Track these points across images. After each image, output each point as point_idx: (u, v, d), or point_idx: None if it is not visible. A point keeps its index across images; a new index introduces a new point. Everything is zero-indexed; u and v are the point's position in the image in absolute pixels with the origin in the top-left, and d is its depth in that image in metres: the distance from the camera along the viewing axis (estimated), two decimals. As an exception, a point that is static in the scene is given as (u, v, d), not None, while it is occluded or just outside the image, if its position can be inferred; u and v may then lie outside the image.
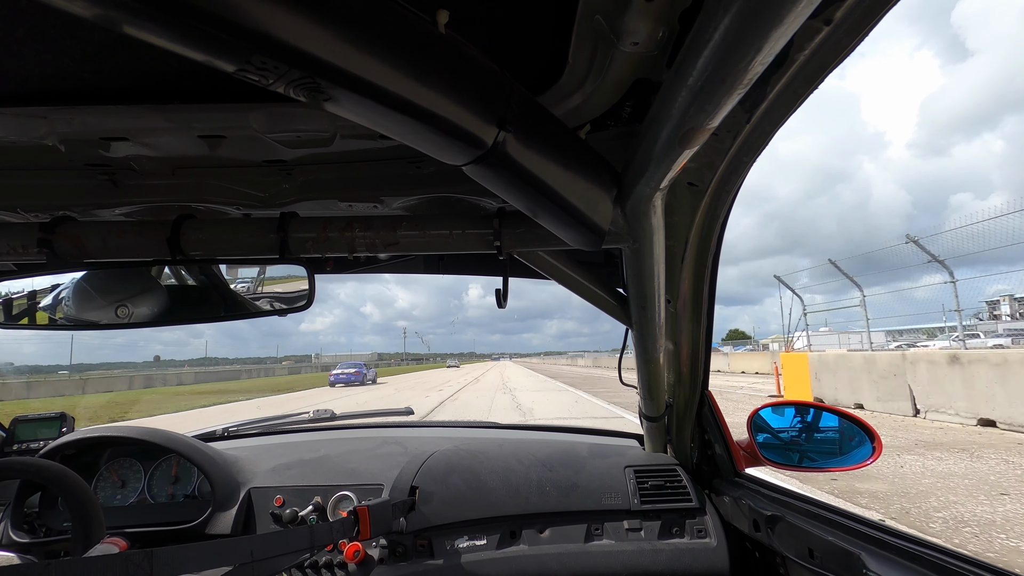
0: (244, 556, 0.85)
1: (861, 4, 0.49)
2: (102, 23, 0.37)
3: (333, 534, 1.04)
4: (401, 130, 0.54)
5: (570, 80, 0.70)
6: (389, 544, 1.24)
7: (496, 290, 1.07)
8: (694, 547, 1.25)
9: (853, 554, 0.83)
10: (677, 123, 0.55)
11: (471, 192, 0.97)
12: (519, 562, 1.23)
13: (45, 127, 0.77)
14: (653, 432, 1.44)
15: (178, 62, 0.61)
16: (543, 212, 0.74)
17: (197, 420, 12.46)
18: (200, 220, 0.95)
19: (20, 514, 1.27)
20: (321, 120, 0.78)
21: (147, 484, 1.42)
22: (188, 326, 1.07)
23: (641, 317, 1.07)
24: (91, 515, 0.98)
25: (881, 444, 1.21)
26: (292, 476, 1.39)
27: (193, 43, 0.39)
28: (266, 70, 0.42)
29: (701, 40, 0.45)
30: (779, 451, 1.30)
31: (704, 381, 1.27)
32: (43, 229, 0.90)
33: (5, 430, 1.56)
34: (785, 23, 0.39)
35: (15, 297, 1.15)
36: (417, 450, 1.45)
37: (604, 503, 1.30)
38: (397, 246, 0.93)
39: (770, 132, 0.70)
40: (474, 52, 0.55)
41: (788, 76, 0.59)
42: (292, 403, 19.06)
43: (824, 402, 3.71)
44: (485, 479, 1.33)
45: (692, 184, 0.84)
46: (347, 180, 0.98)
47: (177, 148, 0.86)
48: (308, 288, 1.08)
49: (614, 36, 0.59)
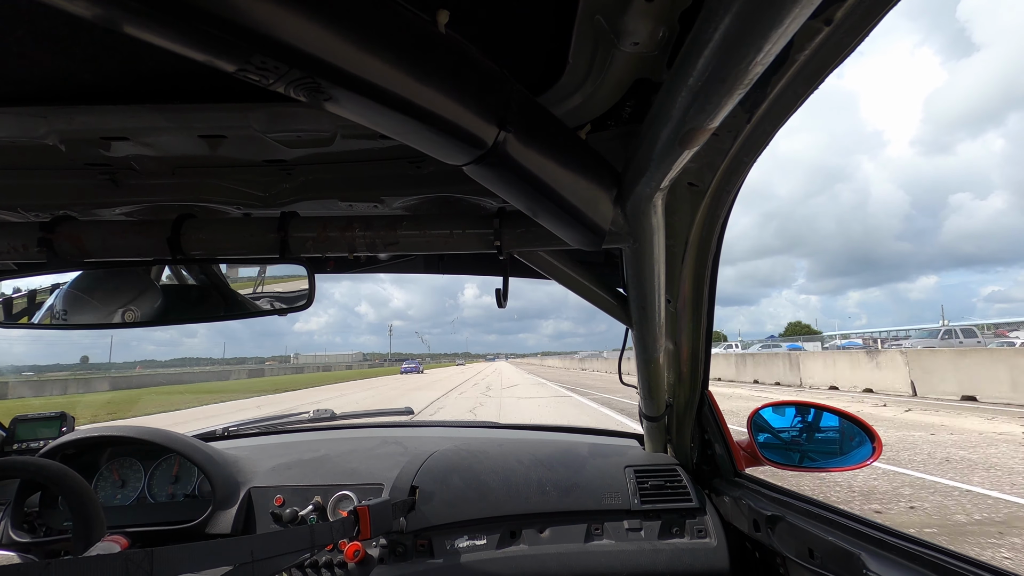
0: (244, 556, 0.85)
1: (861, 4, 0.49)
2: (102, 23, 0.37)
3: (333, 534, 1.04)
4: (401, 130, 0.54)
5: (570, 80, 0.70)
6: (389, 544, 1.24)
7: (496, 290, 1.07)
8: (694, 547, 1.25)
9: (853, 554, 0.83)
10: (677, 123, 0.55)
11: (471, 192, 0.97)
12: (519, 562, 1.23)
13: (45, 127, 0.77)
14: (653, 432, 1.44)
15: (178, 62, 0.61)
16: (543, 212, 0.74)
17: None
18: (200, 220, 0.95)
19: (20, 513, 1.27)
20: (321, 120, 0.78)
21: (147, 483, 1.42)
22: (182, 325, 1.08)
23: (641, 317, 1.07)
24: (91, 514, 0.98)
25: (881, 444, 1.22)
26: (292, 476, 1.39)
27: (193, 43, 0.39)
28: (266, 70, 0.42)
29: (701, 40, 0.45)
30: (779, 451, 1.30)
31: (704, 381, 1.27)
32: (43, 229, 0.90)
33: (5, 429, 1.56)
34: (785, 23, 0.39)
35: (15, 297, 1.15)
36: (417, 450, 1.45)
37: (604, 503, 1.30)
38: (397, 246, 0.93)
39: (770, 132, 0.70)
40: (474, 52, 0.55)
41: (788, 76, 0.58)
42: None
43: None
44: (485, 479, 1.33)
45: (692, 184, 0.84)
46: (347, 180, 0.98)
47: (177, 148, 0.86)
48: (308, 288, 1.08)
49: (614, 36, 0.59)
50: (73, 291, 1.09)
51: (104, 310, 1.10)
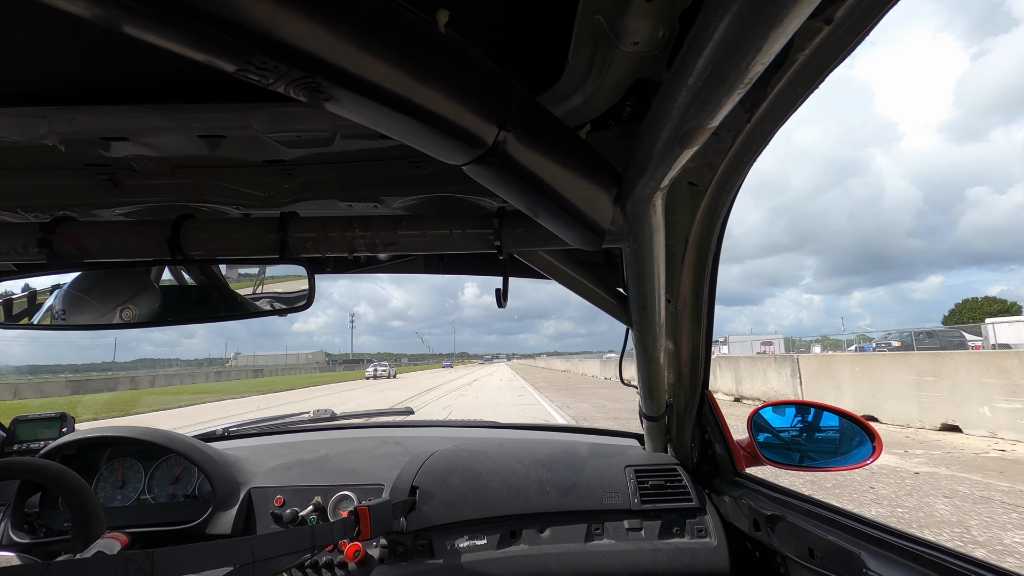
0: (245, 556, 0.85)
1: (861, 4, 0.49)
2: (102, 23, 0.37)
3: (334, 534, 1.04)
4: (401, 130, 0.54)
5: (570, 80, 0.70)
6: (389, 544, 1.24)
7: (496, 290, 1.07)
8: (694, 547, 1.25)
9: (853, 554, 0.83)
10: (677, 123, 0.55)
11: (471, 192, 0.97)
12: (519, 562, 1.23)
13: (45, 127, 0.77)
14: (653, 432, 1.44)
15: (178, 62, 0.61)
16: (543, 212, 0.74)
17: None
18: (200, 220, 0.95)
19: (20, 514, 1.27)
20: (321, 120, 0.78)
21: (147, 484, 1.42)
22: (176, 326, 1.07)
23: (641, 317, 1.07)
24: (91, 514, 0.98)
25: (881, 444, 1.22)
26: (292, 476, 1.39)
27: (193, 43, 0.39)
28: (266, 70, 0.42)
29: (701, 40, 0.45)
30: (780, 451, 1.30)
31: (704, 381, 1.27)
32: (43, 229, 0.90)
33: (5, 430, 1.56)
34: (785, 23, 0.39)
35: (15, 297, 1.15)
36: (417, 450, 1.45)
37: (604, 503, 1.30)
38: (397, 246, 0.93)
39: (770, 132, 0.70)
40: (474, 52, 0.55)
41: (788, 76, 0.58)
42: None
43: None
44: (485, 479, 1.33)
45: (692, 184, 0.84)
46: (347, 180, 0.98)
47: (177, 148, 0.86)
48: (308, 288, 1.08)
49: (614, 36, 0.59)
50: (73, 291, 1.09)
51: (103, 310, 1.09)
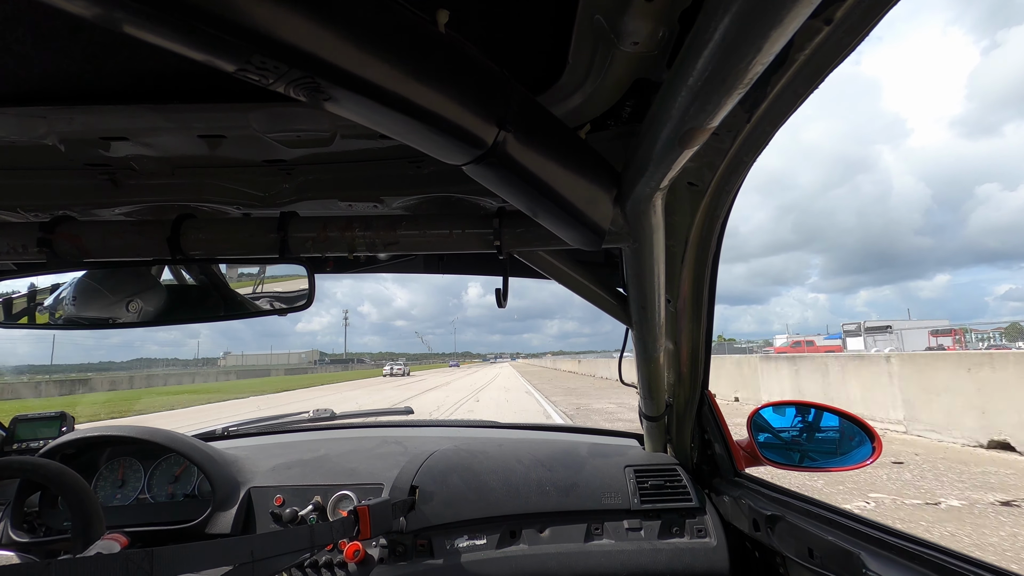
0: (244, 556, 0.85)
1: (861, 4, 0.49)
2: (102, 23, 0.37)
3: (333, 534, 1.04)
4: (401, 130, 0.54)
5: (570, 80, 0.70)
6: (389, 544, 1.24)
7: (496, 289, 1.07)
8: (694, 547, 1.25)
9: (853, 554, 0.83)
10: (677, 123, 0.55)
11: (471, 192, 0.97)
12: (519, 562, 1.23)
13: (45, 127, 0.77)
14: (653, 432, 1.44)
15: (178, 62, 0.61)
16: (543, 212, 0.74)
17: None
18: (200, 220, 0.95)
19: (20, 513, 1.27)
20: (321, 120, 0.78)
21: (147, 483, 1.42)
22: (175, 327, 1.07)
23: (641, 317, 1.07)
24: (90, 513, 0.98)
25: (881, 444, 1.22)
26: (292, 476, 1.39)
27: (193, 43, 0.39)
28: (266, 70, 0.42)
29: (701, 40, 0.45)
30: (779, 451, 1.30)
31: (704, 381, 1.27)
32: (43, 229, 0.90)
33: (5, 429, 1.56)
34: (785, 23, 0.39)
35: (15, 297, 1.15)
36: (417, 450, 1.45)
37: (604, 503, 1.30)
38: (397, 246, 0.93)
39: (770, 132, 0.70)
40: (474, 52, 0.55)
41: (788, 76, 0.58)
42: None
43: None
44: (485, 479, 1.33)
45: (692, 184, 0.84)
46: (347, 180, 0.98)
47: (177, 148, 0.86)
48: (308, 288, 1.08)
49: (614, 36, 0.59)
50: (73, 291, 1.09)
51: (103, 310, 1.09)
